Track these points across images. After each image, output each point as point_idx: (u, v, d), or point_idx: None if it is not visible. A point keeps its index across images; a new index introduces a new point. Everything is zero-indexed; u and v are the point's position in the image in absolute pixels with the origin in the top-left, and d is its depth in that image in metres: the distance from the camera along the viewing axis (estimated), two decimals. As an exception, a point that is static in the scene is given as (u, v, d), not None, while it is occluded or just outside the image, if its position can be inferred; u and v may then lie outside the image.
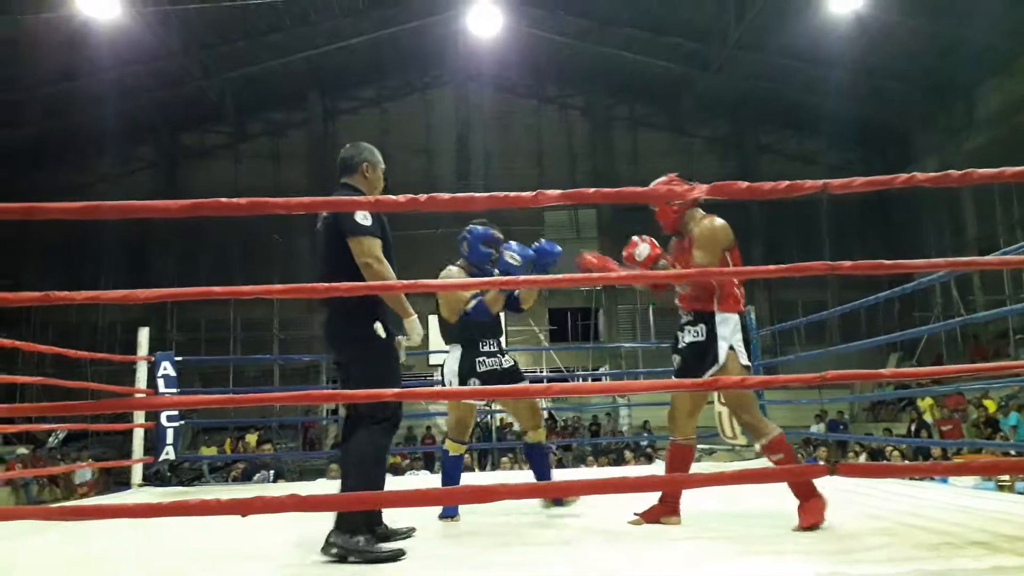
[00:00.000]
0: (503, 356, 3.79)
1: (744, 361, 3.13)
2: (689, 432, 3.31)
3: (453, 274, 3.85)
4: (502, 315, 3.89)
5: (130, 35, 13.95)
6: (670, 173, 3.33)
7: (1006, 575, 2.11)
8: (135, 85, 16.05)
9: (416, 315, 2.95)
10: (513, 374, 3.75)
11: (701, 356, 3.12)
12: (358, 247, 2.80)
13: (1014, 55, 14.33)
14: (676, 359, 3.30)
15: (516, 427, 15.88)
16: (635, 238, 3.36)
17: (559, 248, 3.68)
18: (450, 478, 3.72)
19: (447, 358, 3.82)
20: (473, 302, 3.69)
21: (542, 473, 3.83)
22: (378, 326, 2.84)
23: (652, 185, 2.97)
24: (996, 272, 14.55)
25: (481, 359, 3.71)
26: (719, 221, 3.24)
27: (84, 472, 11.44)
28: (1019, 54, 14.24)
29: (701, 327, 3.17)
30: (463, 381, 3.66)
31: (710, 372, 3.06)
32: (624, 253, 3.36)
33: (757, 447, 3.14)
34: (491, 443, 12.25)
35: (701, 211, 3.33)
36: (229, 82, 17.49)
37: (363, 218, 2.81)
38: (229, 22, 15.55)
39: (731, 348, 3.10)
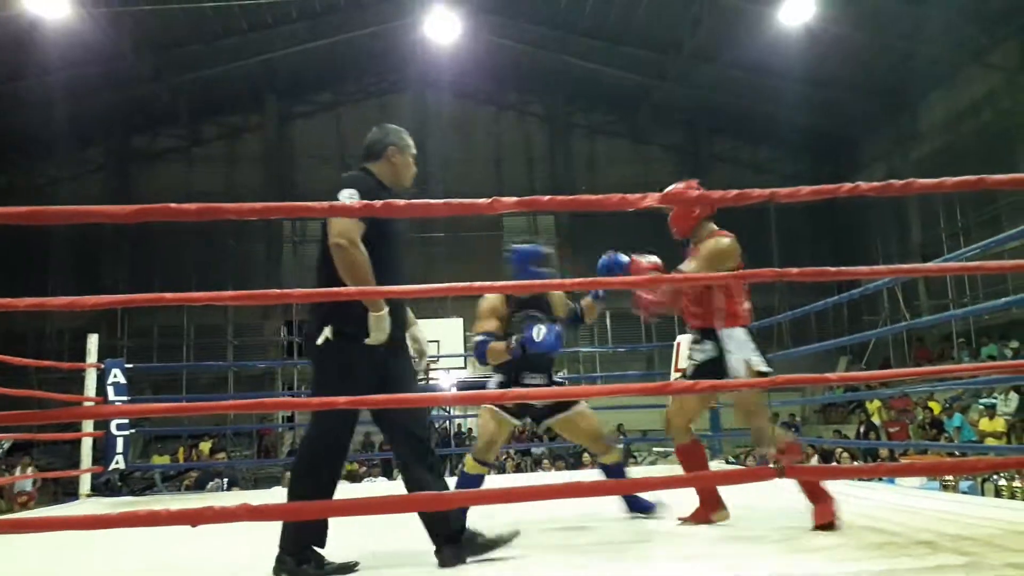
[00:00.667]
0: (552, 386, 3.59)
1: (763, 368, 3.09)
2: (688, 436, 3.37)
3: (490, 299, 3.59)
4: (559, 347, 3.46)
5: (80, 35, 13.62)
6: (627, 179, 3.38)
7: (948, 573, 2.16)
8: (85, 86, 15.65)
9: (385, 311, 2.58)
10: (555, 408, 3.55)
11: (717, 373, 3.09)
12: (332, 227, 2.56)
13: (957, 69, 14.81)
14: (689, 373, 3.26)
15: (475, 433, 15.91)
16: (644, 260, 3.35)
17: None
18: None
19: (489, 384, 3.65)
20: (478, 338, 3.49)
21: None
22: (326, 329, 2.59)
23: (669, 190, 3.00)
24: (940, 278, 14.99)
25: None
26: (727, 240, 3.25)
27: (24, 483, 11.09)
28: (962, 68, 14.73)
29: (709, 344, 3.19)
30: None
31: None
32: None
33: (765, 453, 3.11)
34: (450, 448, 12.20)
35: (714, 225, 3.34)
36: (182, 84, 17.15)
37: (348, 197, 2.59)
38: (183, 24, 15.26)
39: (746, 361, 3.08)
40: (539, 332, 3.33)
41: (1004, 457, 4.58)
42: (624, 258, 3.48)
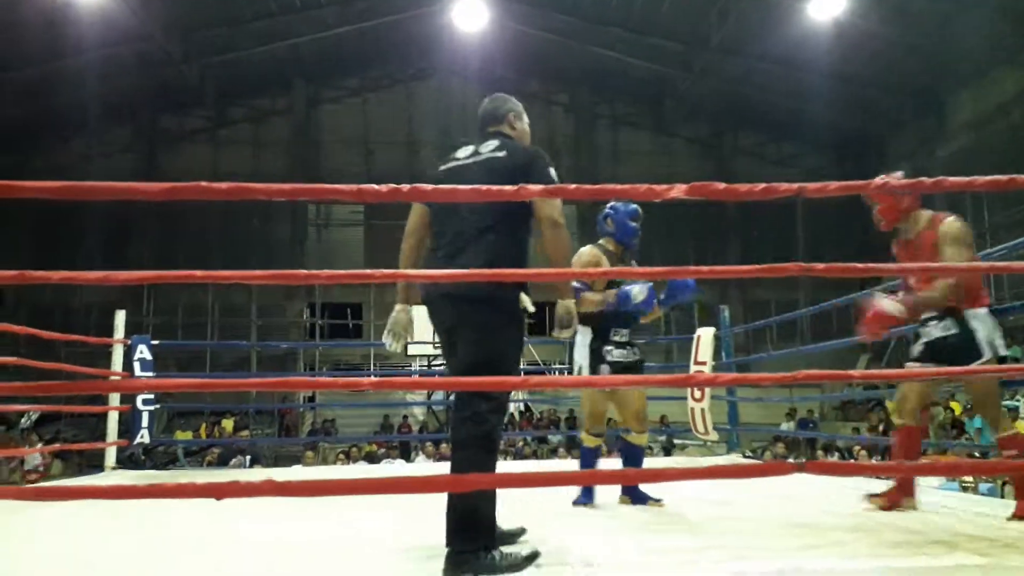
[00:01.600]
0: (632, 348, 3.68)
1: (1004, 352, 3.07)
2: (915, 418, 3.30)
3: (584, 255, 3.69)
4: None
5: (110, 17, 13.73)
6: (650, 171, 3.39)
7: (966, 573, 2.15)
8: (115, 67, 15.79)
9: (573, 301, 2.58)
10: (637, 368, 3.67)
11: (956, 351, 3.06)
12: (551, 206, 2.48)
13: (987, 68, 14.57)
14: (917, 350, 3.27)
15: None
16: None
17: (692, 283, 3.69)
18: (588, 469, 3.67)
19: (577, 341, 3.64)
20: (575, 284, 3.37)
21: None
22: (523, 297, 2.50)
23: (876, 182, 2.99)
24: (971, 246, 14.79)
25: (610, 348, 3.60)
26: (959, 221, 3.20)
27: (34, 457, 11.05)
28: (991, 67, 14.48)
29: (949, 321, 3.12)
30: (593, 369, 3.56)
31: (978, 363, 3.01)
32: None
33: (992, 438, 3.12)
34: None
35: (930, 211, 3.29)
36: (210, 66, 17.26)
37: (555, 175, 2.55)
38: (212, 6, 15.36)
39: (991, 343, 3.04)
40: (639, 290, 3.44)
41: (1026, 460, 4.53)
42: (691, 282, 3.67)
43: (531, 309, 2.52)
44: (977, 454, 7.04)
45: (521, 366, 3.28)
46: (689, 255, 17.92)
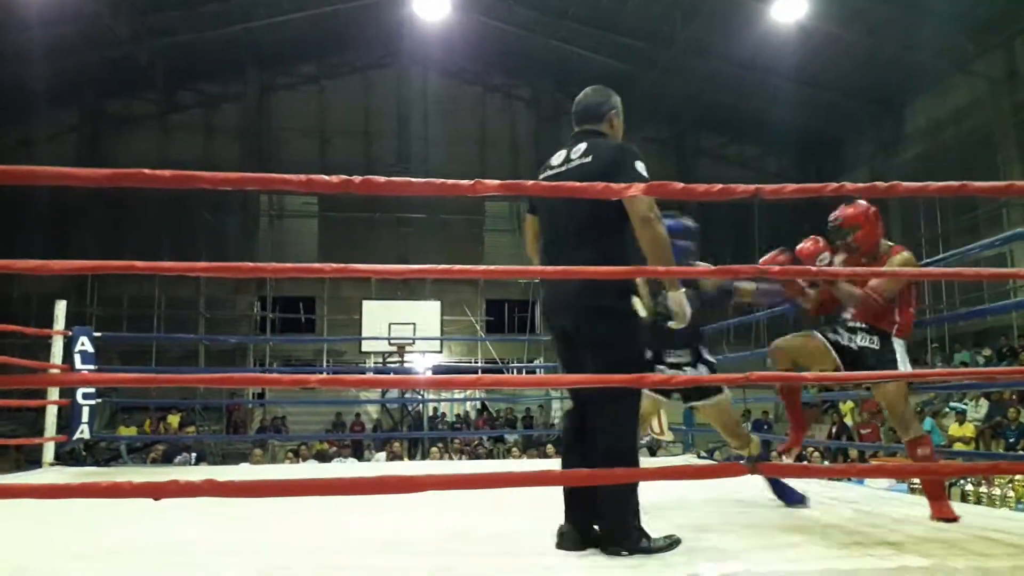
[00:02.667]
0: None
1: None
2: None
3: None
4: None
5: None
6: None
7: (910, 575, 2.18)
8: (59, 46, 15.17)
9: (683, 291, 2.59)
10: (696, 393, 3.50)
11: (876, 364, 3.30)
12: (639, 203, 2.44)
13: (942, 75, 14.94)
14: (840, 341, 3.45)
15: (448, 417, 15.90)
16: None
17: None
18: None
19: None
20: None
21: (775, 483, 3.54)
22: (636, 301, 2.54)
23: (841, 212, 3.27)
24: (917, 281, 15.14)
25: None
26: (912, 257, 3.42)
27: None
28: (947, 75, 14.85)
29: (876, 338, 3.36)
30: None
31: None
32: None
33: (904, 440, 3.28)
34: (423, 432, 12.21)
35: (890, 243, 3.54)
36: (160, 49, 16.64)
37: (644, 169, 2.53)
38: (164, -14, 14.95)
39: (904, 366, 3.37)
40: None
41: (972, 463, 4.64)
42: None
43: (643, 313, 2.55)
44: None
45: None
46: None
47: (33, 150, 17.48)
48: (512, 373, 14.70)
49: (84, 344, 5.45)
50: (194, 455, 9.44)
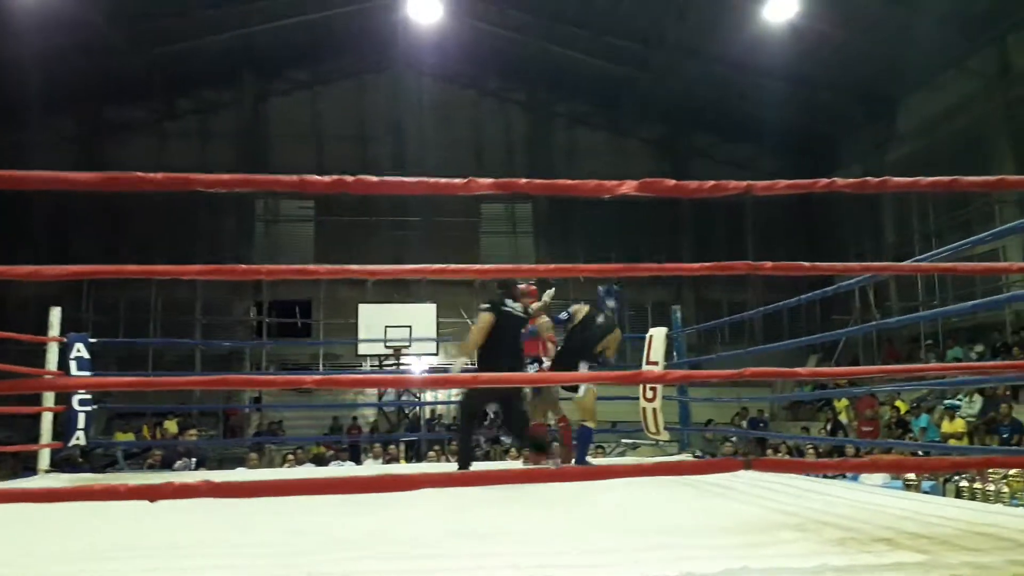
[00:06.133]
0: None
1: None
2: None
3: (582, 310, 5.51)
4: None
5: (51, 2, 13.29)
6: (606, 171, 3.47)
7: (905, 571, 2.17)
8: (57, 56, 15.19)
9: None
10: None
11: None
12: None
13: (935, 73, 14.97)
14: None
15: (445, 419, 15.86)
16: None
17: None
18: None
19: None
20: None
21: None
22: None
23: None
24: (910, 279, 15.20)
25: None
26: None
27: None
28: (939, 72, 14.88)
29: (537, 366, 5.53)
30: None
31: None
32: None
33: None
34: (419, 434, 12.15)
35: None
36: (156, 57, 16.71)
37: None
38: (159, -6, 14.96)
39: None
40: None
41: (966, 458, 4.65)
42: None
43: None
44: (920, 453, 7.21)
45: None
46: (643, 255, 18.05)
47: (31, 157, 17.43)
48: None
49: (80, 350, 5.45)
50: (194, 460, 9.40)
